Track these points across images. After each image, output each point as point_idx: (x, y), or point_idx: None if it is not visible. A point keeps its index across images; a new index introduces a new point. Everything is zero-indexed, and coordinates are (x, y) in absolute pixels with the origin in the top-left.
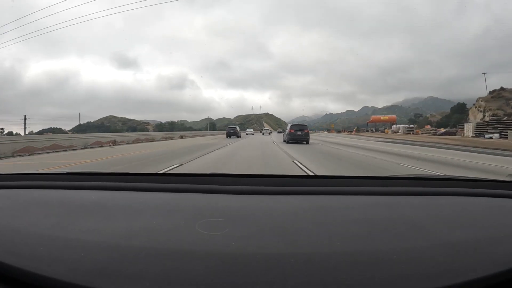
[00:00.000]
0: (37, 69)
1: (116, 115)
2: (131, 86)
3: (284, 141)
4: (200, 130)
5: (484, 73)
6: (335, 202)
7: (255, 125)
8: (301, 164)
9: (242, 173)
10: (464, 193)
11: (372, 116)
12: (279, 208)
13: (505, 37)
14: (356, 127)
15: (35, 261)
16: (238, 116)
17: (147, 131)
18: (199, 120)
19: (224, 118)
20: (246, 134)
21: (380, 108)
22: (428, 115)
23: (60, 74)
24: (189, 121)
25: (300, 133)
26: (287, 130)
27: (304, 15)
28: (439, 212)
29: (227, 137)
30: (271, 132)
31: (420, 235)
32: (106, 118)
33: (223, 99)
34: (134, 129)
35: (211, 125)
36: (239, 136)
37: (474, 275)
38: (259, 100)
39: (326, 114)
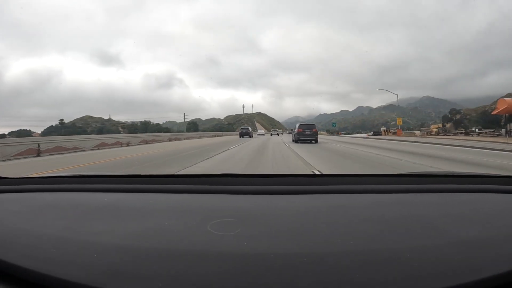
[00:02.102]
0: (16, 67)
1: (93, 116)
2: (117, 85)
3: (293, 140)
4: (170, 131)
5: None
6: (346, 201)
7: (245, 125)
8: None
9: (253, 172)
10: (477, 189)
11: (503, 98)
12: (290, 208)
13: (510, 35)
14: (440, 123)
15: (48, 263)
16: (228, 116)
17: (119, 132)
18: (187, 120)
19: (213, 118)
20: (258, 134)
21: (376, 108)
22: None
23: (41, 73)
24: (178, 121)
25: (308, 132)
26: (295, 130)
27: (299, 6)
28: (451, 210)
29: (240, 137)
30: (278, 133)
31: (433, 233)
32: (81, 118)
33: (214, 99)
34: (100, 131)
35: (191, 126)
36: (251, 136)
37: (488, 272)
38: (251, 100)
39: (320, 114)
